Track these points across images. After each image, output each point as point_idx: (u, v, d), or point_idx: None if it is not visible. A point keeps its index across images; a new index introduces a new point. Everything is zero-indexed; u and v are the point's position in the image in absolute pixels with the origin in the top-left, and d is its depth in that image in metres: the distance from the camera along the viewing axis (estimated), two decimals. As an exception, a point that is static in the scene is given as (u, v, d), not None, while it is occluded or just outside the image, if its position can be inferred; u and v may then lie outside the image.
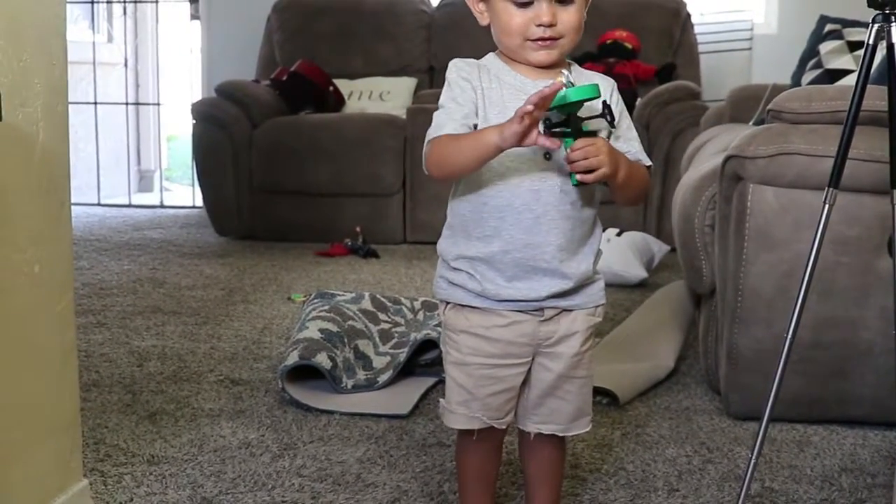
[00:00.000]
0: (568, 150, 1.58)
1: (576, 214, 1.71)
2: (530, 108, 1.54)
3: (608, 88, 1.75)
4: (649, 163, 1.78)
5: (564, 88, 1.54)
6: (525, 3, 1.68)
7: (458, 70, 1.75)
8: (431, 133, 1.72)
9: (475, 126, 1.70)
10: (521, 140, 1.58)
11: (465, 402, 1.81)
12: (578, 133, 1.60)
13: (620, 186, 1.68)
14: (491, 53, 1.78)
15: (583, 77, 1.74)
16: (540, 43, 1.69)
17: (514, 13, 1.69)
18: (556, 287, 1.73)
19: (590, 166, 1.59)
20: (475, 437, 1.84)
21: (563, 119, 1.59)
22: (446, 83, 1.75)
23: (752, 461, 1.90)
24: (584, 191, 1.70)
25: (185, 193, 7.65)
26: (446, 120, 1.71)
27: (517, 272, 1.73)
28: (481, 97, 1.72)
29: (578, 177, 1.61)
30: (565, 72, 1.61)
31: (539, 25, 1.68)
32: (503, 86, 1.73)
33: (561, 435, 1.86)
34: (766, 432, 1.88)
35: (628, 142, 1.75)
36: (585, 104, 1.59)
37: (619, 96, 1.77)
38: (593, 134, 1.63)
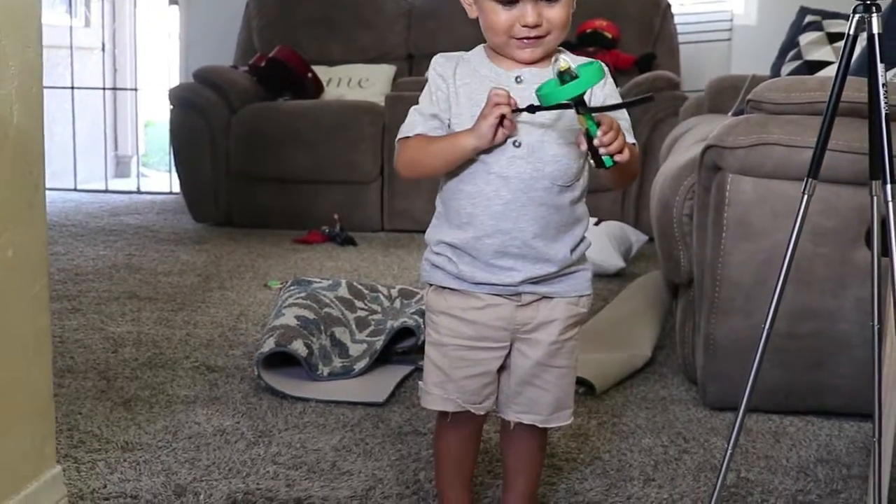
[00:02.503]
0: (597, 134, 1.56)
1: (551, 200, 1.71)
2: (506, 109, 1.59)
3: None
4: (633, 140, 1.75)
5: (567, 72, 1.53)
6: (510, 2, 1.68)
7: (435, 66, 1.77)
8: (403, 131, 1.75)
9: (449, 123, 1.73)
10: (495, 133, 1.60)
11: (440, 384, 1.81)
12: (587, 111, 1.58)
13: (624, 166, 1.65)
14: (480, 46, 1.78)
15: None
16: (525, 41, 1.69)
17: (500, 12, 1.69)
18: (531, 272, 1.73)
19: (620, 146, 1.58)
20: (449, 420, 1.85)
21: (570, 103, 1.56)
22: (427, 80, 1.78)
23: (729, 451, 1.90)
24: (561, 175, 1.69)
25: (162, 179, 7.61)
26: (418, 119, 1.75)
27: (491, 257, 1.73)
28: (454, 93, 1.74)
29: (616, 157, 1.58)
30: (565, 57, 1.59)
31: (525, 26, 1.67)
32: (478, 79, 1.73)
33: (541, 426, 1.86)
34: (742, 423, 1.88)
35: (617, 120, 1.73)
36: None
37: (611, 79, 1.76)
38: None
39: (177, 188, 6.42)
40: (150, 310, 3.68)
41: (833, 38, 4.33)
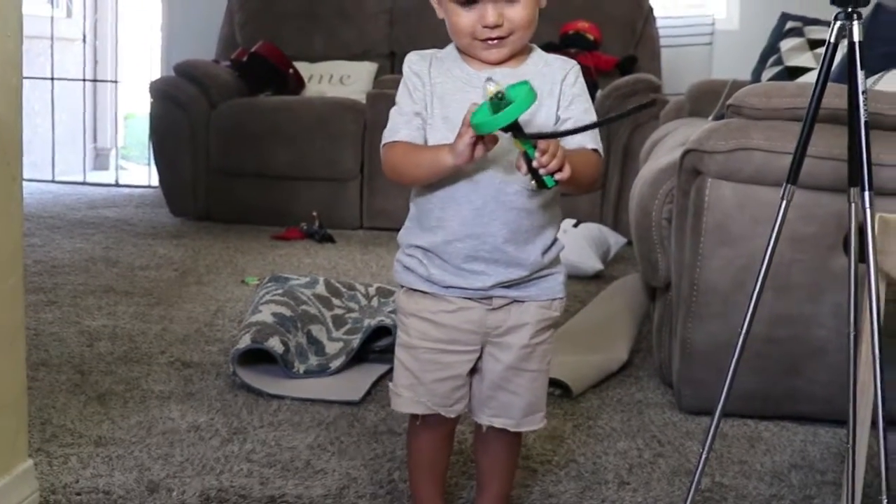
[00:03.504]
0: (535, 155, 1.53)
1: (521, 204, 1.70)
2: (470, 139, 1.56)
3: (566, 71, 1.73)
4: (594, 146, 1.72)
5: (496, 97, 1.49)
6: (469, 3, 1.67)
7: (410, 64, 1.76)
8: (387, 136, 1.74)
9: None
10: (472, 152, 1.57)
11: (410, 386, 1.81)
12: (521, 134, 1.54)
13: (571, 179, 1.60)
14: (452, 44, 1.77)
15: (534, 67, 1.73)
16: (489, 42, 1.68)
17: (461, 13, 1.68)
18: (502, 276, 1.73)
19: (560, 163, 1.54)
20: (419, 423, 1.85)
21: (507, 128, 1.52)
22: (402, 79, 1.77)
23: (703, 456, 1.90)
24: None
25: (140, 172, 7.58)
26: (399, 121, 1.73)
27: (462, 262, 1.72)
28: (430, 92, 1.73)
29: (556, 176, 1.54)
30: (491, 83, 1.52)
31: (486, 27, 1.66)
32: (451, 79, 1.73)
33: (513, 430, 1.85)
34: (717, 427, 1.88)
35: (578, 125, 1.69)
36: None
37: (581, 79, 1.75)
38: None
39: (155, 182, 6.39)
40: (127, 304, 3.66)
41: (814, 44, 4.34)
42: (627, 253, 4.52)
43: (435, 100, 1.72)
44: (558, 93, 1.70)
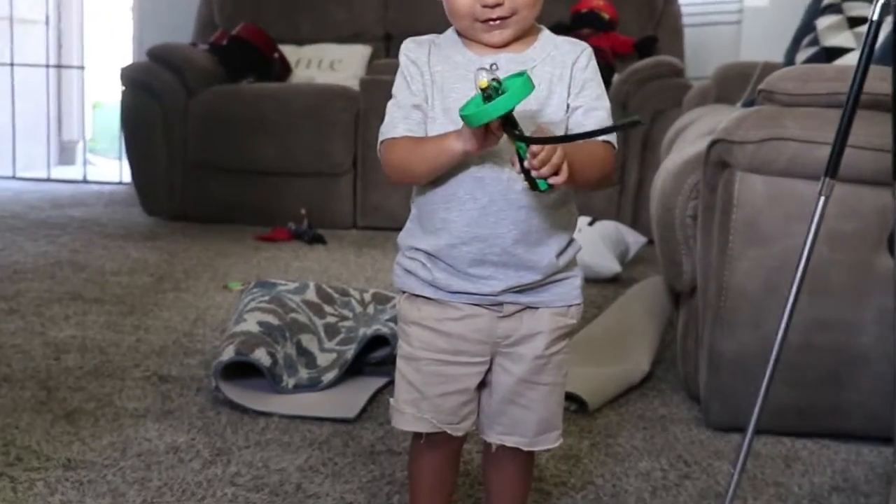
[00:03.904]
0: (526, 156, 1.53)
1: (531, 202, 1.69)
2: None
3: (576, 55, 1.72)
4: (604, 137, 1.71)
5: (488, 89, 1.49)
6: None
7: (407, 52, 1.76)
8: (385, 132, 1.73)
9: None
10: (483, 142, 1.58)
11: (413, 402, 1.80)
12: (523, 135, 1.53)
13: (572, 180, 1.59)
14: (451, 28, 1.77)
15: (542, 51, 1.72)
16: (490, 23, 1.68)
17: None
18: (513, 281, 1.72)
19: (555, 167, 1.53)
20: (423, 442, 1.84)
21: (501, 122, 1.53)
22: (398, 69, 1.77)
23: (735, 477, 1.90)
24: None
25: (111, 167, 7.59)
26: (398, 115, 1.73)
27: (468, 266, 1.72)
28: (429, 81, 1.73)
29: (551, 180, 1.54)
30: (482, 73, 1.51)
31: (485, 6, 1.66)
32: (452, 66, 1.73)
33: (526, 449, 1.85)
34: (750, 445, 1.88)
35: (588, 113, 1.71)
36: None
37: (594, 62, 1.75)
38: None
39: (127, 178, 6.41)
40: (97, 313, 3.66)
41: (854, 22, 4.34)
42: (648, 253, 4.53)
43: (435, 90, 1.72)
44: (569, 78, 1.70)
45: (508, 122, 1.51)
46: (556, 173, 1.53)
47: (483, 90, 1.49)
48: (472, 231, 1.70)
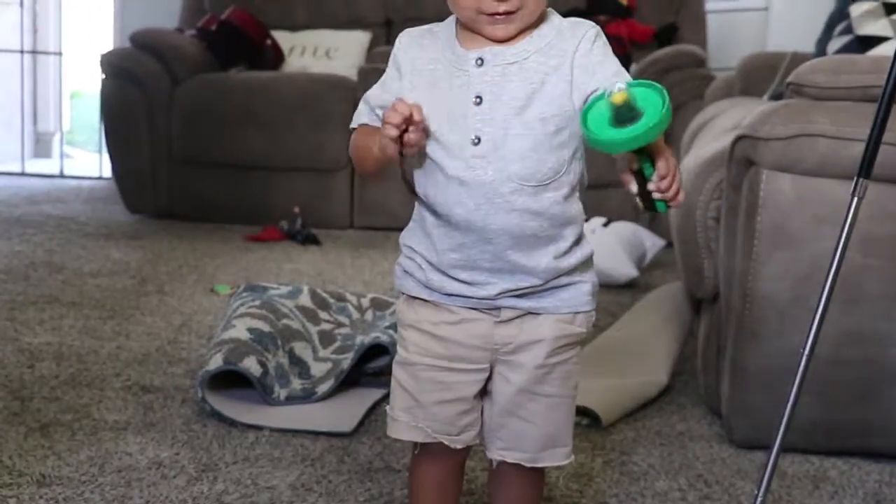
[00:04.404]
0: (653, 178, 1.51)
1: (522, 205, 1.69)
2: (393, 133, 1.60)
3: (577, 41, 1.69)
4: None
5: (625, 106, 1.44)
6: None
7: (398, 49, 1.79)
8: (354, 118, 1.79)
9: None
10: (399, 148, 1.62)
11: (408, 409, 1.81)
12: (644, 149, 1.50)
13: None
14: (453, 16, 1.77)
15: (539, 41, 1.71)
16: (496, 17, 1.68)
17: None
18: (510, 284, 1.73)
19: (678, 189, 1.54)
20: (419, 452, 1.85)
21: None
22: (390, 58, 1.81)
23: (759, 499, 1.91)
24: (530, 174, 1.68)
25: (90, 161, 7.61)
26: (363, 109, 1.80)
27: (459, 272, 1.73)
28: (409, 84, 1.74)
29: (672, 203, 1.54)
30: (617, 87, 1.46)
31: (494, 0, 1.67)
32: (443, 63, 1.74)
33: (528, 465, 1.85)
34: (775, 464, 1.89)
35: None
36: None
37: (601, 40, 1.71)
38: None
39: (108, 172, 6.42)
40: (74, 317, 3.67)
41: (891, 8, 4.34)
42: (667, 257, 4.53)
43: (420, 90, 1.73)
44: (569, 69, 1.68)
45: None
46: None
47: (619, 108, 1.45)
48: (461, 238, 1.71)
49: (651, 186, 1.52)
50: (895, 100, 1.85)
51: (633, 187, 1.54)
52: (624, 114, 1.44)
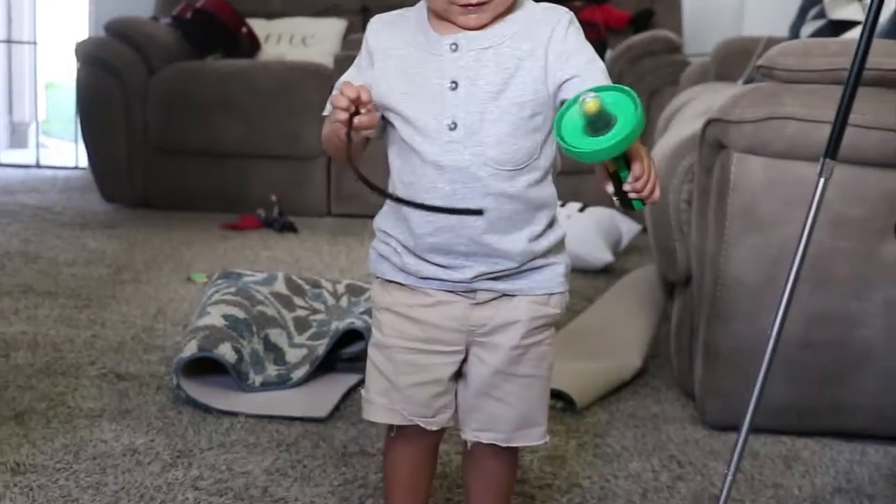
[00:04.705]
0: (629, 179, 1.54)
1: (499, 188, 1.70)
2: (342, 116, 1.63)
3: (551, 28, 1.70)
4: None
5: (598, 115, 1.45)
6: None
7: (369, 34, 1.80)
8: (326, 106, 1.77)
9: (383, 103, 1.74)
10: (347, 133, 1.64)
11: (384, 392, 1.83)
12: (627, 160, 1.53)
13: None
14: (423, 1, 1.78)
15: (512, 27, 1.71)
16: (469, 7, 1.69)
17: None
18: (486, 267, 1.74)
19: (653, 186, 1.56)
20: (394, 435, 1.86)
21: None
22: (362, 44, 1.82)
23: (729, 478, 1.92)
24: (508, 159, 1.69)
25: (66, 151, 7.58)
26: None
27: (436, 257, 1.75)
28: (382, 70, 1.75)
29: (648, 200, 1.57)
30: (589, 95, 1.46)
31: None
32: (414, 47, 1.74)
33: (503, 445, 1.86)
34: (744, 444, 1.90)
35: (585, 80, 1.65)
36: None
37: (574, 26, 1.72)
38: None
39: (84, 162, 6.40)
40: (50, 306, 3.67)
41: (863, -8, 4.36)
42: (642, 242, 4.54)
43: (390, 74, 1.74)
44: (543, 56, 1.69)
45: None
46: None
47: (589, 115, 1.45)
48: (437, 221, 1.72)
49: (627, 187, 1.55)
50: (863, 82, 1.86)
51: (610, 188, 1.57)
52: (596, 121, 1.45)
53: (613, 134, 1.44)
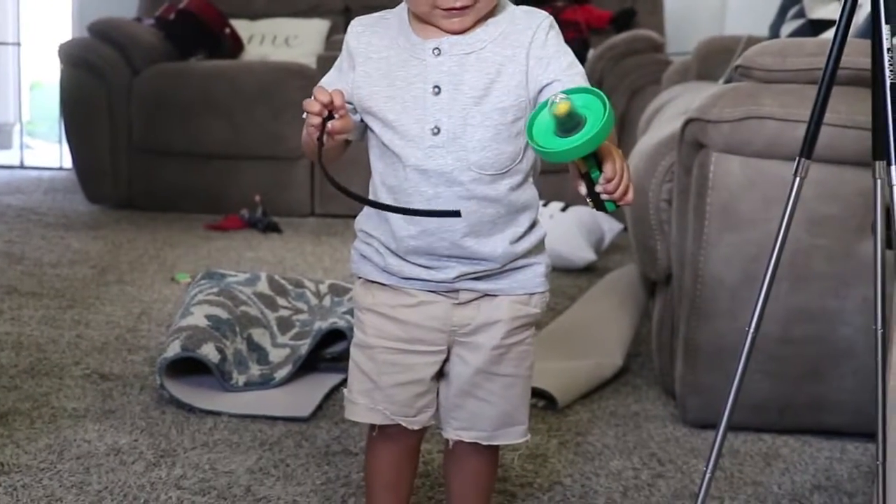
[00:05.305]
0: (599, 181, 1.54)
1: (481, 192, 1.71)
2: (315, 121, 1.64)
3: (532, 32, 1.71)
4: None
5: (568, 116, 1.46)
6: None
7: (349, 37, 1.80)
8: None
9: (365, 106, 1.75)
10: (320, 138, 1.65)
11: (367, 392, 1.84)
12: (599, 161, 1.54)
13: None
14: (404, 2, 1.78)
15: (494, 30, 1.72)
16: (452, 11, 1.69)
17: None
18: (468, 268, 1.76)
19: (626, 188, 1.56)
20: (376, 434, 1.88)
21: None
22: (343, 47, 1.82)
23: (708, 475, 1.93)
24: (490, 163, 1.70)
25: (50, 152, 7.57)
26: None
27: (416, 258, 1.76)
28: (364, 73, 1.76)
29: (620, 202, 1.57)
30: (559, 97, 1.47)
31: None
32: (396, 51, 1.75)
33: (485, 444, 1.87)
34: (723, 441, 1.91)
35: (567, 85, 1.66)
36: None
37: (554, 31, 1.73)
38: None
39: (68, 163, 6.39)
40: (34, 307, 3.67)
41: (842, -8, 4.37)
42: (624, 241, 4.52)
43: (374, 78, 1.74)
44: (524, 60, 1.70)
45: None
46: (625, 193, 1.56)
47: (559, 116, 1.46)
48: (421, 224, 1.73)
49: (598, 189, 1.55)
50: (838, 82, 1.87)
51: (583, 189, 1.57)
52: (566, 123, 1.46)
53: (581, 134, 1.46)
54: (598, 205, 1.58)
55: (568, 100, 1.45)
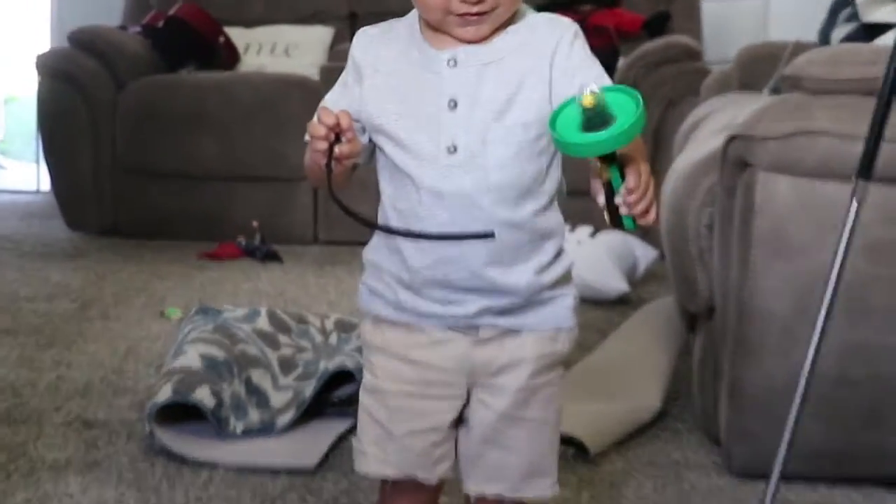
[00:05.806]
0: (621, 190, 1.52)
1: (503, 217, 1.70)
2: (321, 146, 1.64)
3: (555, 42, 1.70)
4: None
5: (595, 109, 1.45)
6: None
7: (355, 49, 1.79)
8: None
9: (374, 123, 1.74)
10: (327, 164, 1.65)
11: (378, 441, 1.82)
12: (614, 158, 1.52)
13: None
14: (415, 10, 1.77)
15: (512, 40, 1.71)
16: (468, 18, 1.69)
17: None
18: (488, 302, 1.74)
19: (647, 205, 1.53)
20: (390, 488, 1.86)
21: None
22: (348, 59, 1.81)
23: (759, 532, 1.92)
24: (512, 184, 1.69)
25: (26, 173, 7.59)
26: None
27: (433, 290, 1.74)
28: (371, 87, 1.75)
29: (640, 220, 1.54)
30: (590, 87, 1.46)
31: (464, 1, 1.67)
32: (406, 63, 1.74)
33: (510, 498, 1.86)
34: (775, 494, 1.90)
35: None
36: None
37: (580, 40, 1.72)
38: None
39: (46, 185, 6.41)
40: (9, 346, 3.67)
41: (900, -7, 4.36)
42: (661, 269, 4.53)
43: (383, 93, 1.73)
44: (548, 72, 1.70)
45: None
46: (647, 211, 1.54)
47: (588, 111, 1.45)
48: (437, 252, 1.71)
49: (617, 200, 1.52)
50: (898, 94, 1.86)
51: (601, 199, 1.55)
52: (594, 118, 1.45)
53: (609, 130, 1.44)
54: (615, 219, 1.55)
55: (597, 93, 1.44)
